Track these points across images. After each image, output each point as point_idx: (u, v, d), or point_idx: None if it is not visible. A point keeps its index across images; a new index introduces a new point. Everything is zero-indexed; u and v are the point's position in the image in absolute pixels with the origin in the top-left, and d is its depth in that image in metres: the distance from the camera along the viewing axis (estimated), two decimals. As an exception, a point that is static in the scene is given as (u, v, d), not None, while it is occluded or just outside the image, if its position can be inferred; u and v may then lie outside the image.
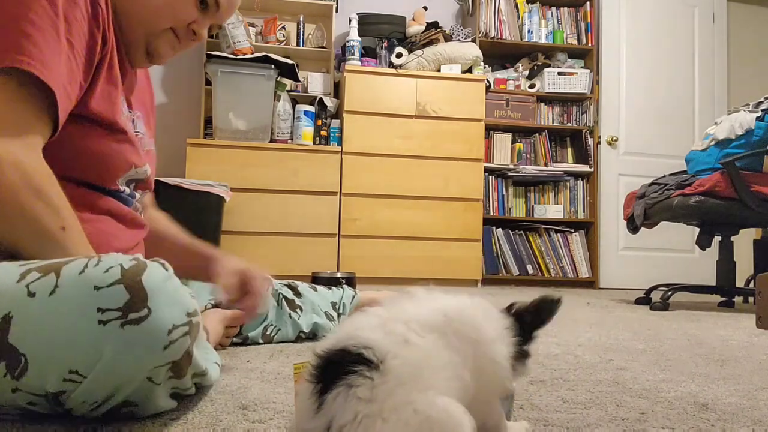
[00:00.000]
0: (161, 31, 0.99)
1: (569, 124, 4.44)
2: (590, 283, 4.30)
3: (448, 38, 4.09)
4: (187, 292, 0.76)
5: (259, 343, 1.47)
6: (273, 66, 3.62)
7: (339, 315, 1.63)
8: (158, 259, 0.80)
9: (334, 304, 1.63)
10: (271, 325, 1.50)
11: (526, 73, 4.44)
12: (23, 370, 0.67)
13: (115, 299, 0.68)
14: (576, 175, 4.38)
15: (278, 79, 3.73)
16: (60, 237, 0.79)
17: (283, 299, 1.53)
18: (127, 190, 1.03)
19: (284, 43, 4.08)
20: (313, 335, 1.54)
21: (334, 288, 1.71)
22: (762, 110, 2.82)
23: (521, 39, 4.37)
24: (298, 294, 1.56)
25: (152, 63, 1.05)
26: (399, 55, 3.95)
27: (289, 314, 1.51)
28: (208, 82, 3.78)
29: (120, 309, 0.67)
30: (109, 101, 0.93)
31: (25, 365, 0.67)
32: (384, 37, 4.07)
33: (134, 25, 0.97)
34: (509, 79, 4.38)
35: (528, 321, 0.70)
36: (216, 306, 1.38)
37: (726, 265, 3.04)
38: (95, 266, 0.70)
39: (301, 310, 1.53)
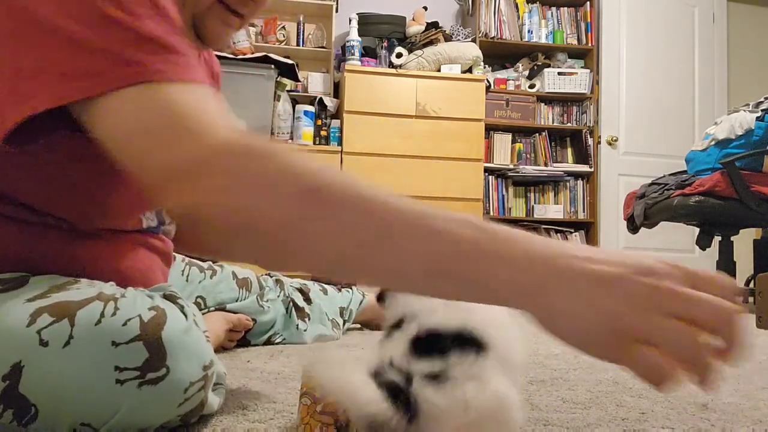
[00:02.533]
0: (207, 8, 0.79)
1: (569, 124, 4.44)
2: (590, 283, 4.30)
3: (448, 38, 4.09)
4: (204, 338, 0.73)
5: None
6: (273, 66, 3.62)
7: (344, 322, 1.63)
8: (174, 294, 0.77)
9: (342, 310, 1.62)
10: (278, 334, 1.49)
11: (526, 73, 4.44)
12: (32, 419, 0.65)
13: (134, 358, 0.65)
14: (576, 175, 4.38)
15: (278, 79, 3.73)
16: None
17: (293, 308, 1.51)
18: (154, 221, 0.91)
19: (284, 43, 4.08)
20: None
21: (344, 290, 1.70)
22: (762, 110, 2.82)
23: (521, 39, 4.37)
24: (308, 300, 1.55)
25: (209, 47, 0.86)
26: (399, 55, 3.95)
27: (297, 325, 1.50)
28: (208, 82, 3.79)
29: (138, 368, 0.65)
30: None
31: (34, 415, 0.64)
32: (384, 37, 4.07)
33: (178, 7, 0.77)
34: (509, 79, 4.38)
35: None
36: (219, 309, 1.38)
37: (726, 265, 3.04)
38: (112, 316, 0.66)
39: (309, 318, 1.52)
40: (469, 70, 4.03)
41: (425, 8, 4.21)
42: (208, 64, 0.98)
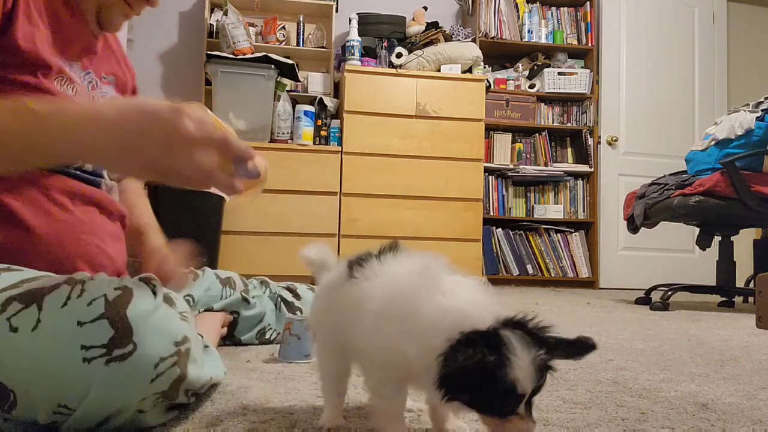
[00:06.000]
0: (111, 3, 0.98)
1: (569, 124, 4.44)
2: (590, 283, 4.30)
3: (448, 38, 4.09)
4: (176, 317, 0.74)
5: (255, 344, 1.48)
6: (273, 66, 3.62)
7: None
8: (149, 276, 0.77)
9: None
10: (270, 328, 1.50)
11: (526, 73, 4.44)
12: (12, 405, 0.66)
13: (99, 335, 0.65)
14: (576, 175, 4.38)
15: (278, 79, 3.73)
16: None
17: (282, 302, 1.52)
18: (90, 165, 0.96)
19: (284, 43, 4.08)
20: None
21: None
22: (762, 110, 2.82)
23: (521, 39, 4.37)
24: (297, 296, 1.56)
25: (105, 31, 1.03)
26: (399, 55, 3.95)
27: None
28: (208, 82, 3.78)
29: (104, 346, 0.65)
30: (36, 44, 0.87)
31: (14, 400, 0.66)
32: (384, 37, 4.06)
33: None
34: (509, 79, 4.38)
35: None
36: (207, 310, 1.40)
37: (726, 265, 3.04)
38: (78, 297, 0.67)
39: (301, 312, 1.53)
40: (469, 70, 4.03)
41: (425, 8, 4.21)
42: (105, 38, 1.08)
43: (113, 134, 0.66)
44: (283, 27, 4.12)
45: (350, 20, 3.96)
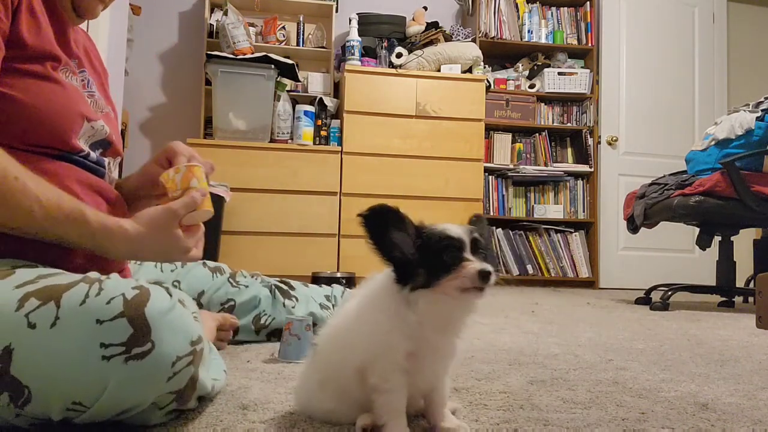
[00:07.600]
0: None
1: (569, 124, 4.44)
2: (590, 283, 4.30)
3: (448, 38, 4.09)
4: (190, 316, 0.75)
5: (256, 341, 1.49)
6: (273, 66, 3.62)
7: (333, 306, 1.66)
8: (160, 281, 0.79)
9: (327, 296, 1.66)
10: (265, 314, 1.51)
11: (526, 73, 4.44)
12: (27, 401, 0.66)
13: (118, 334, 0.66)
14: (576, 175, 4.38)
15: (278, 79, 3.72)
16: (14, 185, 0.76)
17: (277, 289, 1.55)
18: (93, 154, 0.97)
19: (284, 43, 4.08)
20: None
21: (325, 285, 1.74)
22: (762, 110, 2.82)
23: (521, 39, 4.37)
24: (291, 287, 1.60)
25: (82, 19, 1.03)
26: (399, 55, 3.95)
27: (283, 303, 1.52)
28: (208, 82, 3.78)
29: (123, 344, 0.66)
30: (42, 37, 0.90)
31: (28, 396, 0.66)
32: (384, 37, 4.06)
33: None
34: (509, 79, 4.38)
35: None
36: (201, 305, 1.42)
37: (726, 265, 3.04)
38: (97, 296, 0.68)
39: (297, 300, 1.55)
40: (469, 70, 4.03)
41: (425, 8, 4.21)
42: (78, 33, 1.08)
43: (134, 244, 0.87)
44: (283, 27, 4.12)
45: (350, 20, 3.96)
